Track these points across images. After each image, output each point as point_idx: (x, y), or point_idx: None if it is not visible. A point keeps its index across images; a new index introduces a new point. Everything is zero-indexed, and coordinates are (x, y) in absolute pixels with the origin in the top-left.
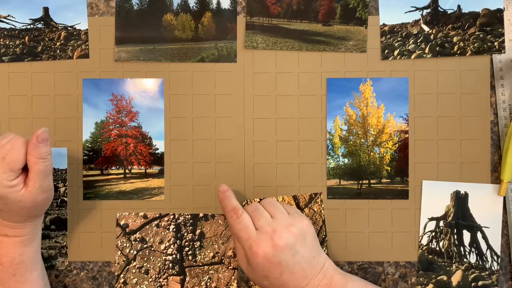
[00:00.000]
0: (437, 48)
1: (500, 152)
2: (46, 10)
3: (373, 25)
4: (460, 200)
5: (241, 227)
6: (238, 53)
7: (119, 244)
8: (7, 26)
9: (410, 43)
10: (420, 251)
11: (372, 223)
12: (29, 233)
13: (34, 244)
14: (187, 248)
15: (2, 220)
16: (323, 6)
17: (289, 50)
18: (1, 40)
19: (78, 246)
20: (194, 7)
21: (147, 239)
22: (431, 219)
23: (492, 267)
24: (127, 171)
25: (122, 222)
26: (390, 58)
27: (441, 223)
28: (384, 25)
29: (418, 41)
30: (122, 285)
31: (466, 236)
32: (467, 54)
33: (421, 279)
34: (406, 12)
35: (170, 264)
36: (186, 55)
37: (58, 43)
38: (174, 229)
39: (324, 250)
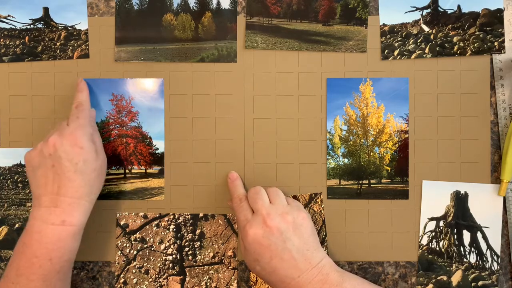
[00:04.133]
0: (437, 48)
1: (500, 152)
2: (46, 10)
3: (373, 25)
4: (460, 200)
5: (241, 210)
6: (238, 53)
7: (119, 244)
8: (7, 26)
9: (410, 43)
10: (420, 251)
11: (372, 223)
12: (82, 222)
13: (79, 241)
14: (187, 248)
15: (65, 197)
16: (323, 6)
17: (289, 50)
18: (1, 40)
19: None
20: (194, 7)
21: (147, 239)
22: (431, 219)
23: (492, 267)
24: (127, 171)
25: (122, 222)
26: (390, 58)
27: (441, 223)
28: (384, 25)
29: (418, 41)
30: (122, 285)
31: (466, 236)
32: (467, 54)
33: (421, 279)
34: (406, 12)
35: (170, 264)
36: (186, 55)
37: (58, 43)
38: (174, 229)
39: (324, 250)
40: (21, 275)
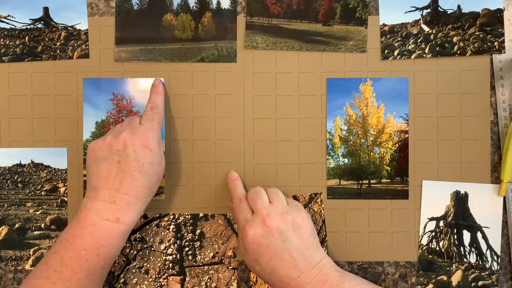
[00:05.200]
0: (437, 48)
1: (500, 152)
2: (46, 10)
3: (373, 25)
4: (460, 200)
5: (241, 210)
6: (238, 53)
7: None
8: (7, 26)
9: (410, 43)
10: (420, 251)
11: (372, 223)
12: (133, 223)
13: (125, 241)
14: (187, 248)
15: (125, 195)
16: (323, 6)
17: (289, 50)
18: (1, 40)
19: None
20: (194, 7)
21: (147, 239)
22: (431, 219)
23: (492, 267)
24: None
25: None
26: (390, 58)
27: (441, 223)
28: (384, 25)
29: (418, 41)
30: (122, 285)
31: (466, 236)
32: (467, 54)
33: (421, 279)
34: (406, 12)
35: (170, 264)
36: (186, 55)
37: (58, 43)
38: (174, 229)
39: (324, 250)
40: (66, 266)
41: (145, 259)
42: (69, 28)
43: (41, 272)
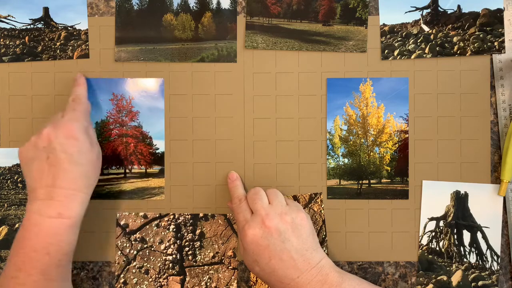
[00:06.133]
0: (437, 48)
1: (500, 152)
2: (46, 10)
3: (373, 25)
4: (460, 200)
5: (240, 211)
6: (238, 53)
7: (119, 244)
8: (7, 26)
9: (410, 43)
10: (420, 251)
11: (372, 223)
12: (78, 215)
13: (77, 234)
14: (187, 248)
15: (61, 189)
16: (323, 6)
17: (289, 50)
18: (1, 40)
19: (78, 246)
20: (194, 7)
21: (147, 239)
22: (431, 219)
23: (492, 267)
24: (127, 170)
25: (122, 222)
26: (390, 58)
27: (441, 223)
28: (384, 25)
29: (418, 41)
30: (122, 285)
31: (466, 236)
32: (467, 54)
33: (421, 279)
34: (406, 12)
35: (170, 264)
36: (186, 55)
37: (58, 43)
38: (174, 229)
39: (324, 250)
40: (20, 270)
41: (145, 259)
42: (69, 28)
43: None
